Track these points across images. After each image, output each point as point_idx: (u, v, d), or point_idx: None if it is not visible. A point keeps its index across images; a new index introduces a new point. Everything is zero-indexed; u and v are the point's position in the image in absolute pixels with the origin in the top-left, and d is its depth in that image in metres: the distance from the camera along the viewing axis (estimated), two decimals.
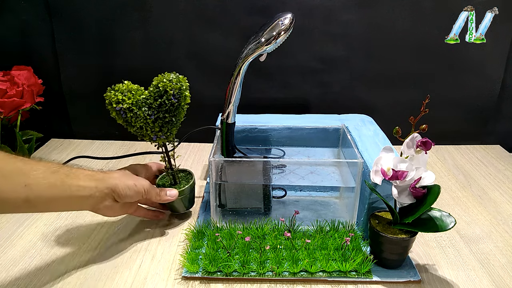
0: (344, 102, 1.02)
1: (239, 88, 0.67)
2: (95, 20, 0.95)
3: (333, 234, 0.65)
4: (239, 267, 0.59)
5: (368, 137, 0.75)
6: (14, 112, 0.87)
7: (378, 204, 0.65)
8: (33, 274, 0.60)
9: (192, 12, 0.93)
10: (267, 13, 0.90)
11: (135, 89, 0.63)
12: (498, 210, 0.78)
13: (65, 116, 1.05)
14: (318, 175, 0.73)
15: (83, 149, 1.01)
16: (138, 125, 0.63)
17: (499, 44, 0.94)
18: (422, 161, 0.57)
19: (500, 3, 0.88)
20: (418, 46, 0.96)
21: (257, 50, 0.63)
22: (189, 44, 0.97)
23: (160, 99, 0.62)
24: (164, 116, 0.63)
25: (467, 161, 0.97)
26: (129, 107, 0.61)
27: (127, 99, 0.61)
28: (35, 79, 0.93)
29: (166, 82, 0.62)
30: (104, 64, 1.00)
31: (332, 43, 0.96)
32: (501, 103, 1.02)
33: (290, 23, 0.62)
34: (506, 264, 0.63)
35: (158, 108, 0.63)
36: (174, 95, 0.62)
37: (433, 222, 0.57)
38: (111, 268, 0.62)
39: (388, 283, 0.59)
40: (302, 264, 0.59)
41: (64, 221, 0.73)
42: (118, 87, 0.62)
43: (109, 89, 0.62)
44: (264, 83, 1.00)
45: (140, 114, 0.62)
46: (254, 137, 0.80)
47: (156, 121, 0.64)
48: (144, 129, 0.64)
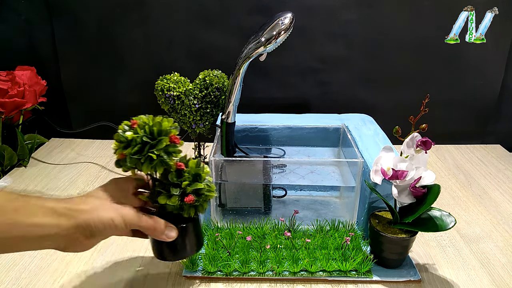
0: (344, 101, 1.02)
1: (239, 88, 0.68)
2: (95, 20, 0.95)
3: (333, 233, 0.65)
4: (239, 266, 0.59)
5: (368, 136, 0.75)
6: (15, 112, 0.87)
7: (378, 204, 0.65)
8: (33, 274, 0.60)
9: (192, 12, 0.94)
10: (267, 12, 0.90)
11: (182, 80, 0.71)
12: (498, 209, 0.78)
13: (65, 116, 1.05)
14: (318, 174, 0.73)
15: (83, 149, 1.01)
16: (182, 112, 0.70)
17: (499, 44, 0.94)
18: (422, 160, 0.57)
19: (500, 3, 0.88)
20: (418, 46, 0.96)
21: (257, 49, 0.63)
22: (189, 44, 0.97)
23: (205, 90, 0.70)
24: (206, 107, 0.70)
25: (467, 161, 0.97)
26: (178, 94, 0.69)
27: (178, 88, 0.69)
28: (38, 79, 0.93)
29: (212, 77, 0.70)
30: (104, 64, 1.00)
31: (332, 43, 0.96)
32: (501, 103, 1.02)
33: (290, 22, 0.62)
34: (506, 264, 0.63)
35: (202, 99, 0.70)
36: (218, 88, 0.70)
37: (433, 221, 0.57)
38: (111, 268, 0.62)
39: (388, 283, 0.59)
40: (302, 263, 0.59)
41: None
42: (169, 76, 0.71)
43: (161, 78, 0.71)
44: (264, 83, 1.00)
45: (186, 102, 0.69)
46: (254, 136, 0.80)
47: (198, 110, 0.70)
48: (187, 117, 0.71)
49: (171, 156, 0.49)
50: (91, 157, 0.97)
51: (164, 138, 0.49)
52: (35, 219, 0.43)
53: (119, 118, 1.04)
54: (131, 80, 1.01)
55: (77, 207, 0.46)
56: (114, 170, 0.91)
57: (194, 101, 0.70)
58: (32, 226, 0.42)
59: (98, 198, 0.49)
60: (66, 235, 0.44)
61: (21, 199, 0.43)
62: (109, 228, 0.47)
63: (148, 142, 0.48)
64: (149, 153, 0.48)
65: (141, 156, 0.48)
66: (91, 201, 0.48)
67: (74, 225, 0.44)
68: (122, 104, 1.04)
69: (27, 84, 0.88)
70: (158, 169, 0.49)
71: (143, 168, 0.48)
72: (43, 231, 0.43)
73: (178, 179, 0.51)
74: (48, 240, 0.44)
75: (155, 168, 0.49)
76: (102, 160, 0.95)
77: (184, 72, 0.74)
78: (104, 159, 0.96)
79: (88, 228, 0.45)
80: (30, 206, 0.43)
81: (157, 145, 0.48)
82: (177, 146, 0.50)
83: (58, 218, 0.44)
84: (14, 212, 0.42)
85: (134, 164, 0.48)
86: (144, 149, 0.48)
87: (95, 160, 0.95)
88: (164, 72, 0.74)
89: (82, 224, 0.45)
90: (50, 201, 0.45)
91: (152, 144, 0.48)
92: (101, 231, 0.47)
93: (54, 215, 0.44)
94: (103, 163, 0.94)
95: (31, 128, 0.98)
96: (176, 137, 0.50)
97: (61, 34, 0.97)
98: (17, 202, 0.43)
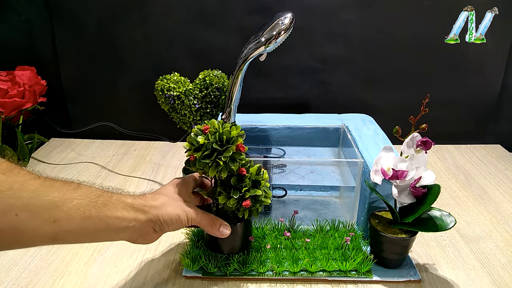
0: (344, 101, 1.02)
1: (239, 88, 0.68)
2: (95, 20, 0.95)
3: (333, 233, 0.65)
4: (239, 266, 0.59)
5: (368, 136, 0.75)
6: (15, 112, 0.87)
7: (378, 204, 0.65)
8: (33, 274, 0.60)
9: (192, 12, 0.94)
10: (267, 12, 0.90)
11: (182, 80, 0.71)
12: (498, 209, 0.78)
13: (65, 116, 1.05)
14: (318, 174, 0.73)
15: (83, 149, 1.01)
16: (182, 112, 0.71)
17: (499, 44, 0.94)
18: (422, 160, 0.57)
19: (500, 3, 0.88)
20: (418, 46, 0.96)
21: (257, 49, 0.63)
22: (189, 44, 0.97)
23: (205, 90, 0.70)
24: (206, 107, 0.71)
25: (468, 161, 0.97)
26: (178, 94, 0.69)
27: (178, 88, 0.69)
28: (38, 79, 0.93)
29: (212, 77, 0.70)
30: (104, 64, 1.00)
31: (332, 43, 0.96)
32: (501, 103, 1.02)
33: (290, 22, 0.62)
34: (506, 264, 0.63)
35: (202, 98, 0.71)
36: (218, 88, 0.70)
37: (433, 221, 0.57)
38: (112, 268, 0.62)
39: (388, 283, 0.59)
40: (302, 263, 0.59)
41: None
42: (169, 76, 0.71)
43: (161, 78, 0.71)
44: (264, 83, 1.00)
45: (186, 102, 0.70)
46: (254, 136, 0.80)
47: (198, 111, 0.71)
48: (187, 117, 0.72)
49: (235, 163, 0.54)
50: (91, 157, 0.97)
51: (232, 147, 0.53)
52: (118, 213, 0.47)
53: (119, 118, 1.05)
54: (131, 80, 1.01)
55: (151, 203, 0.51)
56: (114, 170, 0.91)
57: (194, 101, 0.70)
58: (116, 219, 0.47)
59: (166, 195, 0.54)
60: (140, 228, 0.50)
61: (106, 195, 0.48)
62: (175, 223, 0.52)
63: (217, 149, 0.53)
64: (217, 159, 0.52)
65: (209, 161, 0.53)
66: (161, 198, 0.53)
67: (148, 219, 0.50)
68: (122, 104, 1.04)
69: (27, 84, 0.88)
70: (222, 173, 0.53)
71: (210, 171, 0.53)
72: (123, 224, 0.48)
73: (239, 183, 0.55)
74: (127, 231, 0.49)
75: (220, 171, 0.53)
76: (102, 160, 0.95)
77: (184, 72, 0.74)
78: (104, 159, 0.96)
79: (158, 222, 0.51)
80: (113, 201, 0.48)
81: (225, 152, 0.53)
82: (242, 154, 0.55)
83: (136, 213, 0.49)
84: (103, 207, 0.46)
85: (202, 166, 0.53)
86: (212, 155, 0.53)
87: (95, 160, 0.95)
88: (164, 72, 0.74)
89: (154, 218, 0.51)
90: (128, 197, 0.50)
91: (220, 151, 0.53)
92: (169, 225, 0.52)
93: (132, 210, 0.49)
94: (103, 163, 0.94)
95: (31, 128, 0.98)
96: (242, 145, 0.54)
97: (61, 34, 0.97)
98: (104, 197, 0.47)
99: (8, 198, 0.39)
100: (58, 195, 0.43)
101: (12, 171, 0.40)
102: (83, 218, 0.44)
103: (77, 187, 0.45)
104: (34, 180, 0.42)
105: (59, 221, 0.42)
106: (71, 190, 0.44)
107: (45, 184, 0.42)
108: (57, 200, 0.42)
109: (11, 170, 0.40)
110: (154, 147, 1.03)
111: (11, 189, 0.39)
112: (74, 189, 0.45)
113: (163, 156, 0.98)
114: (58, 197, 0.43)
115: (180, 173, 0.90)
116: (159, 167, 0.93)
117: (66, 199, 0.43)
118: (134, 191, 0.83)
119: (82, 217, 0.44)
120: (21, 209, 0.39)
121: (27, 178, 0.41)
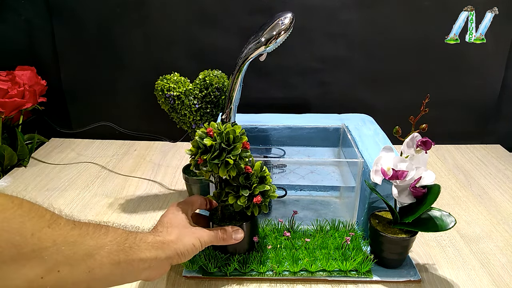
0: (344, 102, 1.02)
1: (239, 88, 0.68)
2: (95, 20, 0.95)
3: (333, 233, 0.65)
4: (239, 266, 0.59)
5: (368, 136, 0.75)
6: (15, 112, 0.87)
7: (378, 204, 0.65)
8: None
9: (192, 12, 0.94)
10: (267, 12, 0.90)
11: (182, 80, 0.71)
12: (498, 209, 0.78)
13: (65, 116, 1.05)
14: (318, 174, 0.73)
15: (83, 149, 1.01)
16: (182, 112, 0.71)
17: (499, 44, 0.94)
18: (422, 160, 0.57)
19: (500, 3, 0.88)
20: (418, 46, 0.96)
21: (257, 49, 0.63)
22: (189, 44, 0.97)
23: (205, 90, 0.70)
24: (206, 107, 0.71)
25: (468, 161, 0.97)
26: (178, 94, 0.69)
27: (178, 88, 0.69)
28: (38, 79, 0.93)
29: (212, 77, 0.70)
30: (104, 64, 1.00)
31: (332, 43, 0.96)
32: (501, 103, 1.02)
33: (290, 22, 0.62)
34: (506, 264, 0.63)
35: (202, 99, 0.70)
36: (218, 88, 0.70)
37: (433, 221, 0.57)
38: None
39: (388, 283, 0.59)
40: (302, 263, 0.59)
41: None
42: (169, 76, 0.71)
43: (161, 78, 0.71)
44: (264, 83, 1.00)
45: (186, 103, 0.69)
46: (254, 136, 0.80)
47: (198, 111, 0.71)
48: (187, 117, 0.71)
49: (242, 161, 0.54)
50: (91, 157, 0.97)
51: (238, 144, 0.54)
52: (142, 254, 0.46)
53: (119, 118, 1.05)
54: (131, 80, 1.01)
55: (168, 239, 0.50)
56: (114, 170, 0.91)
57: (194, 101, 0.70)
58: (140, 261, 0.46)
59: (178, 227, 0.53)
60: (159, 265, 0.49)
61: (131, 237, 0.47)
62: (191, 252, 0.52)
63: (225, 148, 0.53)
64: (226, 159, 0.53)
65: (219, 162, 0.53)
66: (175, 231, 0.52)
67: (167, 257, 0.49)
68: (122, 104, 1.04)
69: (27, 84, 0.88)
70: (232, 172, 0.53)
71: (220, 171, 0.53)
72: (146, 265, 0.47)
73: (246, 181, 0.56)
74: (148, 271, 0.48)
75: (229, 171, 0.53)
76: (102, 160, 0.95)
77: (184, 72, 0.74)
78: (104, 159, 0.96)
79: (176, 257, 0.51)
80: (137, 242, 0.47)
81: (233, 150, 0.53)
82: (248, 151, 0.55)
83: (156, 251, 0.48)
84: (129, 249, 0.45)
85: (212, 168, 0.53)
86: (221, 155, 0.53)
87: (95, 160, 0.95)
88: (164, 72, 0.74)
89: (172, 254, 0.50)
90: (148, 236, 0.49)
91: (228, 150, 0.53)
92: (186, 256, 0.52)
93: (153, 249, 0.48)
94: (103, 163, 0.94)
95: (31, 128, 0.98)
96: (247, 143, 0.55)
97: (61, 34, 0.97)
98: (129, 240, 0.46)
99: (53, 255, 0.38)
100: (92, 243, 0.42)
101: (56, 222, 0.40)
102: (112, 264, 0.43)
103: (107, 231, 0.45)
104: (73, 230, 0.41)
105: (92, 271, 0.42)
106: (102, 236, 0.44)
107: (82, 233, 0.42)
108: (92, 250, 0.42)
109: (54, 221, 0.40)
110: (154, 147, 1.03)
111: (55, 245, 0.39)
112: (104, 234, 0.44)
113: (163, 156, 0.98)
114: (93, 246, 0.42)
115: (180, 173, 0.90)
116: (159, 167, 0.93)
117: (99, 246, 0.43)
118: (134, 191, 0.83)
119: (112, 263, 0.43)
120: (62, 263, 0.39)
121: (67, 228, 0.41)
